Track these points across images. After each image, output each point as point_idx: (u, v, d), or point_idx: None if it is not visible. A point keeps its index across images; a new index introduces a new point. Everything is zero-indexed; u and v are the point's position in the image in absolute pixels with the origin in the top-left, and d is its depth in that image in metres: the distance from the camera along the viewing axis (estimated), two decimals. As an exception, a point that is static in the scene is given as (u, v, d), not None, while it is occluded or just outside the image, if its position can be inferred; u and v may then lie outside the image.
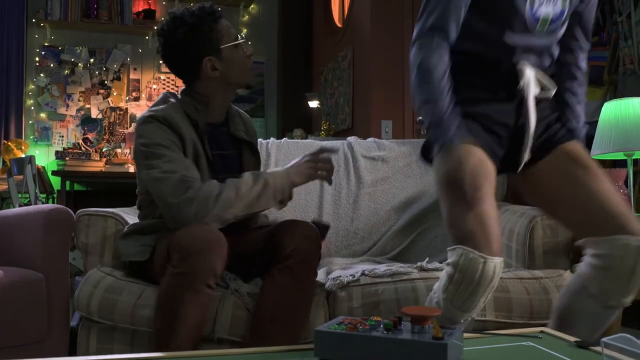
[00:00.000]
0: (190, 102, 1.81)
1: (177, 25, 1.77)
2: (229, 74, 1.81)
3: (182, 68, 1.83)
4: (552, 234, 1.93)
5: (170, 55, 1.82)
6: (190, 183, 1.62)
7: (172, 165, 1.65)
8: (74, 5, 5.33)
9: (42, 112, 5.31)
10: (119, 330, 1.74)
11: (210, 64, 1.78)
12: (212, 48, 1.78)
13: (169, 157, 1.67)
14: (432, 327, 1.13)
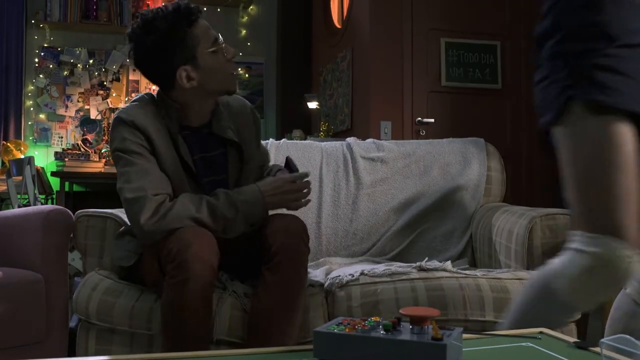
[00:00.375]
0: (163, 107, 1.71)
1: (148, 31, 1.63)
2: (206, 83, 1.68)
3: (154, 77, 1.71)
4: (551, 235, 1.93)
5: (141, 62, 1.69)
6: (159, 205, 1.57)
7: (143, 180, 1.59)
8: (73, 7, 5.32)
9: (42, 113, 5.30)
10: (117, 332, 1.73)
11: (186, 74, 1.65)
12: (186, 56, 1.64)
13: (140, 167, 1.61)
14: (431, 328, 1.13)
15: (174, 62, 1.64)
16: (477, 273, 1.86)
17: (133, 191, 1.59)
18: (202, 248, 1.50)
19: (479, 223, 2.31)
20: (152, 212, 1.56)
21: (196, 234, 1.53)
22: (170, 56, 1.64)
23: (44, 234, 2.00)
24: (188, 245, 1.48)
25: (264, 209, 1.68)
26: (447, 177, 2.46)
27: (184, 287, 1.47)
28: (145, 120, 1.67)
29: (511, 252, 2.02)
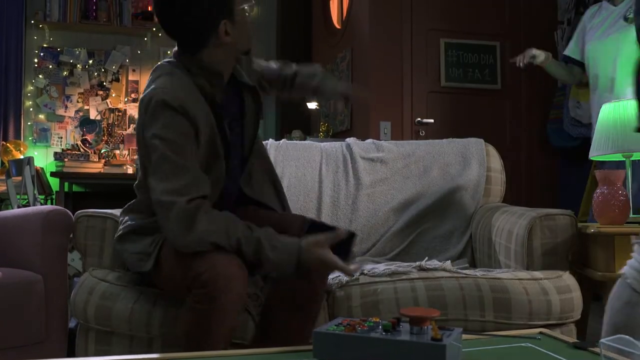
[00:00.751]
0: (202, 74, 1.58)
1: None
2: (238, 40, 1.59)
3: (189, 33, 1.56)
4: (551, 235, 1.93)
5: (176, 14, 1.53)
6: (194, 213, 1.45)
7: (179, 179, 1.47)
8: (72, 7, 5.32)
9: (41, 114, 5.30)
10: (116, 334, 1.73)
11: (225, 28, 1.55)
12: (228, 9, 1.55)
13: (178, 164, 1.48)
14: (430, 329, 1.13)
15: (218, 14, 1.54)
16: (477, 273, 1.86)
17: (167, 193, 1.47)
18: (237, 282, 1.41)
19: (479, 223, 2.31)
20: (184, 227, 1.44)
21: (229, 261, 1.43)
22: (214, 8, 1.53)
23: (43, 234, 2.00)
24: (222, 278, 1.39)
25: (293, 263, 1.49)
26: (446, 177, 2.46)
27: (210, 316, 1.42)
28: (192, 102, 1.53)
29: (511, 252, 2.02)
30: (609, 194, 2.07)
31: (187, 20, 1.53)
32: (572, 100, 3.72)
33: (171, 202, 1.46)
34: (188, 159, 1.50)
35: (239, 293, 1.43)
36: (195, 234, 1.44)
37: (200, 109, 1.55)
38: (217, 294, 1.39)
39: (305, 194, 2.43)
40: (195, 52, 1.58)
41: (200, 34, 1.55)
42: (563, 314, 1.78)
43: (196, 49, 1.58)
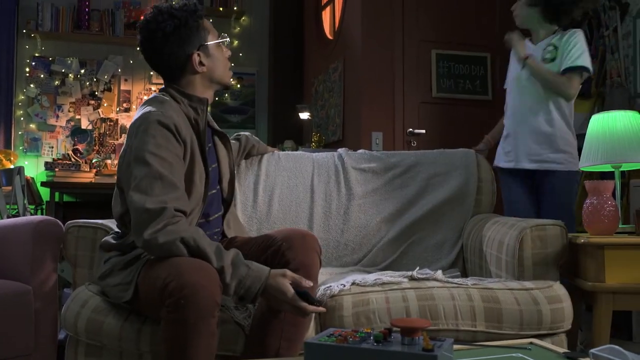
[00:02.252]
0: (188, 102, 1.77)
1: (166, 18, 1.73)
2: (213, 71, 1.80)
3: (167, 63, 1.77)
4: (541, 246, 1.94)
5: (156, 49, 1.75)
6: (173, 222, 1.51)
7: (170, 193, 1.55)
8: (65, 16, 5.32)
9: (32, 123, 5.28)
10: (106, 349, 1.72)
11: (199, 59, 1.77)
12: (199, 43, 1.77)
13: (171, 182, 1.57)
14: (422, 339, 1.13)
15: (190, 46, 1.76)
16: (468, 282, 1.87)
17: (156, 203, 1.52)
18: (202, 287, 1.41)
19: (470, 234, 2.31)
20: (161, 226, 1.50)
21: (196, 270, 1.44)
22: (187, 41, 1.75)
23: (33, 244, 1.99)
24: (187, 283, 1.39)
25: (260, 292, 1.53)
26: (438, 187, 2.47)
27: (183, 326, 1.40)
28: (182, 124, 1.68)
29: (502, 262, 2.03)
30: (599, 205, 2.08)
31: (165, 53, 1.75)
32: (562, 111, 3.75)
33: (161, 208, 1.52)
34: (176, 177, 1.60)
35: (207, 300, 1.41)
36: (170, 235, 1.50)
37: (188, 133, 1.71)
38: (185, 302, 1.38)
39: (297, 204, 2.43)
40: (176, 81, 1.79)
41: (177, 64, 1.76)
42: (554, 324, 1.79)
43: (176, 77, 1.78)
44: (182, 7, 1.77)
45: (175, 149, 1.63)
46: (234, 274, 1.51)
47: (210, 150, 1.87)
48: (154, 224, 1.50)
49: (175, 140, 1.63)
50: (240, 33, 6.01)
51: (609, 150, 2.28)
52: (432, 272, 1.95)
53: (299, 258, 1.65)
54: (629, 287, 1.96)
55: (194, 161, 1.71)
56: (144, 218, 1.52)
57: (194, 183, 1.71)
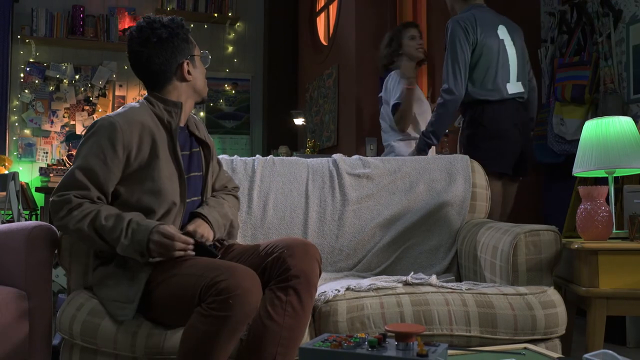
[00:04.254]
0: (163, 105, 1.85)
1: (159, 27, 1.82)
2: (196, 82, 1.91)
3: (158, 69, 1.84)
4: (535, 251, 1.95)
5: (150, 54, 1.82)
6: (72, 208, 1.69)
7: (71, 191, 1.71)
8: (59, 22, 5.33)
9: (27, 129, 5.28)
10: (101, 352, 1.72)
11: (188, 67, 1.87)
12: (189, 53, 1.88)
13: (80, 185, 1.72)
14: (416, 344, 1.13)
15: (181, 55, 1.86)
16: (463, 287, 1.87)
17: (59, 196, 1.72)
18: (253, 291, 1.52)
19: (464, 239, 2.32)
20: (66, 212, 1.70)
21: (248, 274, 1.54)
22: (179, 49, 1.85)
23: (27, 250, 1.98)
24: (240, 286, 1.49)
25: (146, 242, 1.65)
26: (432, 193, 2.48)
27: (223, 324, 1.49)
28: (142, 115, 1.79)
29: (496, 268, 2.03)
30: (592, 210, 2.09)
31: (152, 66, 1.83)
32: (555, 117, 3.77)
33: (64, 199, 1.71)
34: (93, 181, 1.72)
35: (252, 306, 1.52)
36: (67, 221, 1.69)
37: (157, 128, 1.80)
38: (234, 302, 1.47)
39: (291, 210, 2.43)
40: (159, 89, 1.87)
41: (166, 71, 1.84)
42: (548, 329, 1.80)
43: (160, 85, 1.87)
44: (172, 19, 1.87)
45: (108, 150, 1.72)
46: (126, 233, 1.65)
47: (196, 155, 1.93)
48: (61, 212, 1.70)
49: (112, 146, 1.72)
50: (235, 39, 6.03)
51: (603, 156, 2.29)
52: (426, 277, 1.96)
53: (300, 265, 1.66)
54: (622, 292, 1.97)
55: (159, 159, 1.77)
56: (53, 209, 1.73)
57: (157, 180, 1.75)
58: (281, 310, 1.62)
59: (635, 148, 2.28)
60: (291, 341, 1.63)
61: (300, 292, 1.64)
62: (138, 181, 1.76)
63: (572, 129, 3.65)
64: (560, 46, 3.91)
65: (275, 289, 1.66)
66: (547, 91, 3.98)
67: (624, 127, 2.32)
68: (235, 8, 5.93)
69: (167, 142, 1.81)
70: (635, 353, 2.94)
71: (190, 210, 1.87)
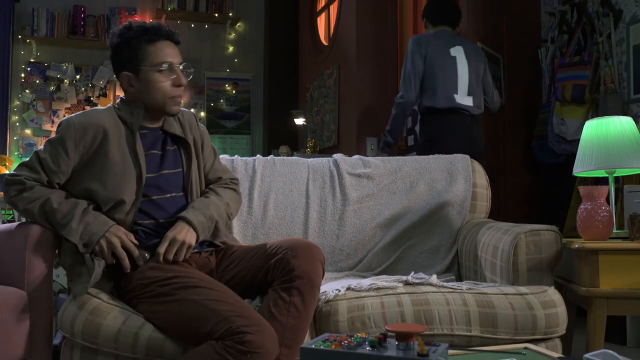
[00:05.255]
0: (127, 107, 1.91)
1: (117, 35, 1.91)
2: (142, 95, 1.88)
3: (116, 75, 1.95)
4: (535, 251, 1.95)
5: (112, 60, 1.95)
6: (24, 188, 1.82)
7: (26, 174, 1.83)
8: (60, 22, 5.33)
9: (27, 128, 5.28)
10: (102, 352, 1.72)
11: (127, 79, 1.89)
12: (131, 65, 1.87)
13: (33, 169, 1.83)
14: (417, 344, 1.13)
15: (121, 65, 1.90)
16: (463, 287, 1.87)
17: (13, 176, 1.84)
18: (273, 352, 1.51)
19: (465, 239, 2.32)
20: (16, 192, 1.83)
21: (272, 334, 1.53)
22: (121, 60, 1.90)
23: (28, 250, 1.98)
24: (267, 346, 1.49)
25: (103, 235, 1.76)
26: (433, 193, 2.48)
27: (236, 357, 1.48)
28: (102, 116, 1.88)
29: (496, 268, 2.03)
30: (593, 210, 2.09)
31: (112, 63, 1.94)
32: (556, 117, 3.77)
33: (17, 179, 1.83)
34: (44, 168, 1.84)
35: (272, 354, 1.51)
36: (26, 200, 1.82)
37: (113, 126, 1.86)
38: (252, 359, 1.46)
39: (292, 210, 2.43)
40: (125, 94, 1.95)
41: (117, 76, 1.93)
42: (548, 328, 1.80)
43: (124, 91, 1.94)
44: (137, 27, 1.88)
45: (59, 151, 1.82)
46: (81, 220, 1.75)
47: (170, 153, 1.95)
48: (11, 190, 1.83)
49: (64, 144, 1.82)
50: (236, 39, 6.03)
51: (603, 156, 2.29)
52: (427, 277, 1.96)
53: (303, 266, 1.67)
54: (623, 292, 1.97)
55: (111, 158, 1.82)
56: (5, 185, 1.84)
57: (105, 177, 1.81)
58: (285, 311, 1.63)
59: (636, 148, 2.28)
60: (294, 341, 1.63)
61: (303, 292, 1.64)
62: (87, 178, 1.84)
63: (573, 128, 3.65)
64: (561, 46, 3.91)
65: (279, 290, 1.66)
66: (548, 91, 3.98)
67: (624, 127, 2.32)
68: (235, 8, 5.94)
69: (127, 141, 1.86)
70: (635, 353, 2.94)
71: (170, 204, 1.89)
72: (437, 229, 2.42)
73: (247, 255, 1.84)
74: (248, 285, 1.81)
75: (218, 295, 1.60)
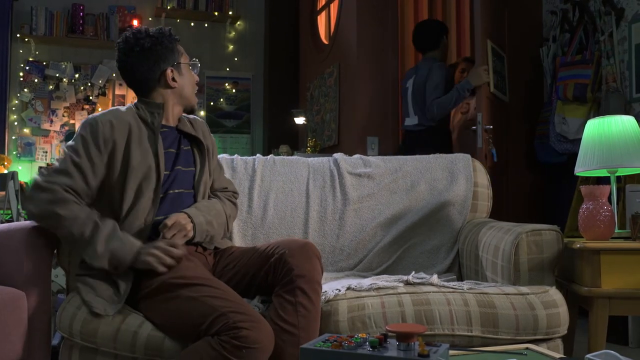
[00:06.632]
0: (146, 108, 1.95)
1: (143, 37, 1.93)
2: (182, 88, 1.98)
3: (142, 77, 1.94)
4: (537, 251, 1.94)
5: (134, 63, 1.93)
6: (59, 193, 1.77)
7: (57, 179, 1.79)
8: (59, 21, 5.31)
9: (26, 128, 5.27)
10: (101, 352, 1.71)
11: (172, 74, 1.95)
12: (174, 61, 1.96)
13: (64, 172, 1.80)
14: (417, 344, 1.12)
15: (165, 63, 1.95)
16: (464, 287, 1.86)
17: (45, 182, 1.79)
18: (268, 347, 1.52)
19: (466, 239, 2.31)
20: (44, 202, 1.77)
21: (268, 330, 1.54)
22: (162, 57, 1.94)
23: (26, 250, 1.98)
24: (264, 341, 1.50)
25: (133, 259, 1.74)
26: (434, 192, 2.47)
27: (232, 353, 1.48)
28: (125, 115, 1.90)
29: (497, 267, 2.02)
30: (594, 210, 2.08)
31: (136, 74, 1.94)
32: (557, 116, 3.75)
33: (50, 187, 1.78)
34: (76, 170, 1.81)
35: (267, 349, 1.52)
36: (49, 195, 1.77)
37: (136, 124, 1.89)
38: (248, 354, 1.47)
39: (292, 209, 2.42)
40: (147, 95, 1.97)
41: (151, 78, 1.94)
42: (550, 329, 1.78)
43: (148, 91, 1.96)
44: (159, 29, 1.97)
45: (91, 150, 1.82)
46: (107, 246, 1.72)
47: (184, 153, 1.99)
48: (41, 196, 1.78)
49: (95, 142, 1.82)
50: (236, 38, 6.02)
51: (605, 155, 2.28)
52: (427, 276, 1.94)
53: (302, 264, 1.68)
54: (625, 292, 1.96)
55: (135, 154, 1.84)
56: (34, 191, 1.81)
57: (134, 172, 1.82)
58: (294, 312, 1.63)
59: (638, 147, 2.27)
60: (309, 340, 1.63)
61: (307, 290, 1.65)
62: (111, 175, 1.84)
63: (574, 128, 3.63)
64: (563, 45, 3.90)
65: (283, 293, 1.67)
66: (549, 90, 3.97)
67: (626, 126, 2.31)
68: (235, 7, 5.92)
69: (149, 140, 1.89)
70: (637, 353, 2.93)
71: (177, 199, 1.92)
72: (438, 228, 2.41)
73: (245, 256, 1.86)
74: (247, 286, 1.82)
75: (215, 292, 1.60)
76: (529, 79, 4.19)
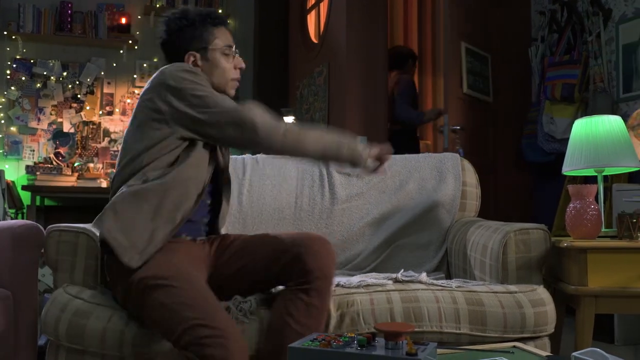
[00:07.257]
0: None
1: (180, 17, 1.88)
2: (208, 75, 1.86)
3: (171, 56, 1.90)
4: (525, 249, 1.95)
5: (164, 42, 1.90)
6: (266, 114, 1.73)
7: (224, 104, 1.72)
8: (47, 18, 5.27)
9: (13, 126, 5.22)
10: (88, 353, 1.69)
11: (193, 59, 1.86)
12: (199, 46, 1.87)
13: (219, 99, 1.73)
14: (405, 343, 1.13)
15: (187, 46, 1.87)
16: (453, 285, 1.87)
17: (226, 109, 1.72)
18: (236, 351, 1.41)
19: (454, 238, 2.32)
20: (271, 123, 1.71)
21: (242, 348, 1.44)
22: (187, 40, 1.87)
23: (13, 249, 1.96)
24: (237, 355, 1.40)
25: (363, 153, 1.83)
26: (422, 191, 2.47)
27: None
28: None
29: (486, 266, 2.03)
30: (581, 209, 2.09)
31: (173, 45, 1.89)
32: (545, 116, 3.78)
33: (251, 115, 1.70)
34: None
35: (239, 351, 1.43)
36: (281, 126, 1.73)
37: None
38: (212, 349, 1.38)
39: (280, 209, 2.42)
40: None
41: (176, 58, 1.87)
42: (537, 327, 1.79)
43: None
44: (202, 10, 1.92)
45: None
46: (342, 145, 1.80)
47: None
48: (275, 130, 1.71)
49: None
50: (225, 36, 5.99)
51: (592, 155, 2.30)
52: (416, 274, 1.95)
53: (321, 266, 1.63)
54: (611, 290, 1.97)
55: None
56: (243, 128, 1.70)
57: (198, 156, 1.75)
58: (306, 313, 1.61)
59: (625, 147, 2.29)
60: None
61: (322, 292, 1.63)
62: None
63: (562, 127, 3.66)
64: (551, 45, 3.92)
65: (297, 290, 1.63)
66: (537, 90, 3.99)
67: (613, 126, 2.32)
68: (225, 5, 5.90)
69: None
70: (623, 351, 2.96)
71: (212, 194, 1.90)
72: (426, 227, 2.42)
73: (250, 247, 1.78)
74: (257, 281, 1.75)
75: (188, 296, 1.50)
76: (517, 79, 4.21)
